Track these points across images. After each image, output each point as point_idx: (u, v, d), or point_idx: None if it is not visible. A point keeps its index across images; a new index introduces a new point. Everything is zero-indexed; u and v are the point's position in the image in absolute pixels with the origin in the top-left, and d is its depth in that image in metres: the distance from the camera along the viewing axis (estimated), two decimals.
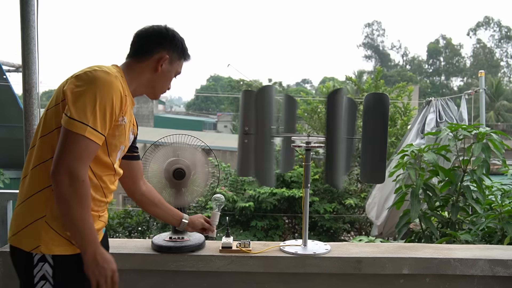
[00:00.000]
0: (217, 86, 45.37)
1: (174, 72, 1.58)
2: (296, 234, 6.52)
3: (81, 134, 1.25)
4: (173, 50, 1.54)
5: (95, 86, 1.29)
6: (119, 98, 1.35)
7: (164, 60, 1.51)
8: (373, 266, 1.84)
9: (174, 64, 1.56)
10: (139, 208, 6.76)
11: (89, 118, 1.26)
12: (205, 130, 30.25)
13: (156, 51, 1.51)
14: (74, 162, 1.25)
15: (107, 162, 1.41)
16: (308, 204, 1.91)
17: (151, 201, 1.75)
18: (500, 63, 44.69)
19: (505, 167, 3.09)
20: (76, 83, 1.30)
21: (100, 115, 1.29)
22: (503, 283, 1.86)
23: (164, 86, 1.59)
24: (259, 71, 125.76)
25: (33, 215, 1.33)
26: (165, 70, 1.54)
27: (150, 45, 1.51)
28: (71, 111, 1.26)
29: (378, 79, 8.33)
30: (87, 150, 1.27)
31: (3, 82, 7.17)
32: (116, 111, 1.34)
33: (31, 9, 2.01)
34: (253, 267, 1.85)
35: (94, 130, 1.27)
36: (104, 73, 1.33)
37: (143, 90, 1.55)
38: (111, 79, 1.33)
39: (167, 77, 1.56)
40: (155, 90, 1.58)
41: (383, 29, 52.81)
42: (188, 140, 1.94)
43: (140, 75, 1.51)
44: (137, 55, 1.52)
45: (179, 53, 1.57)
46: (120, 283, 1.87)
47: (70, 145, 1.25)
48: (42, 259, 1.32)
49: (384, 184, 4.79)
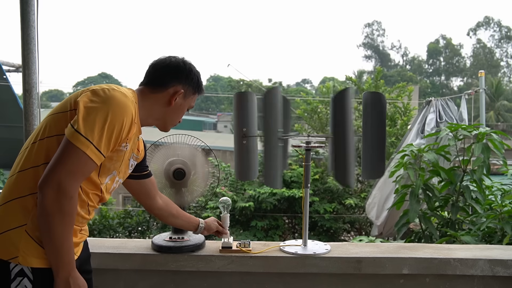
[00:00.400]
0: (217, 86, 45.41)
1: (187, 106, 1.56)
2: (296, 234, 6.53)
3: (82, 150, 1.20)
4: (189, 84, 1.52)
5: (110, 106, 1.26)
6: (130, 123, 1.31)
7: (178, 94, 1.49)
8: (373, 266, 1.84)
9: (188, 98, 1.54)
10: (139, 208, 6.77)
11: (95, 136, 1.22)
12: (205, 130, 30.25)
13: (172, 85, 1.48)
14: (66, 176, 1.19)
15: (95, 181, 1.35)
16: (308, 204, 1.91)
17: (169, 213, 1.77)
18: (500, 63, 44.72)
19: (506, 167, 3.09)
20: (91, 98, 1.27)
21: (107, 135, 1.24)
22: (503, 283, 1.86)
23: (176, 120, 1.56)
24: (259, 71, 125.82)
25: (12, 221, 1.24)
26: (179, 104, 1.51)
27: (166, 78, 1.48)
28: (79, 125, 1.21)
29: (378, 79, 8.33)
30: (84, 167, 1.22)
31: (3, 82, 7.16)
32: (123, 135, 1.30)
33: (31, 9, 2.01)
34: (253, 267, 1.85)
35: (97, 150, 1.23)
36: (122, 94, 1.31)
37: (153, 121, 1.52)
38: (126, 102, 1.30)
39: (179, 111, 1.54)
40: (165, 123, 1.55)
41: (383, 29, 52.85)
42: (188, 140, 1.94)
43: (152, 106, 1.47)
44: (152, 85, 1.48)
45: (194, 88, 1.54)
46: (120, 283, 1.88)
47: (68, 158, 1.20)
48: (20, 273, 1.23)
49: (384, 184, 4.79)
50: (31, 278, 1.23)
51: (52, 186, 1.18)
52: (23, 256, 1.22)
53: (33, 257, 1.23)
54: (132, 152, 1.47)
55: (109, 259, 1.85)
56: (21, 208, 1.25)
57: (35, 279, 1.24)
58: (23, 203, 1.26)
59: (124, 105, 1.29)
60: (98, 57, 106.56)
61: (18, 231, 1.23)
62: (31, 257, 1.23)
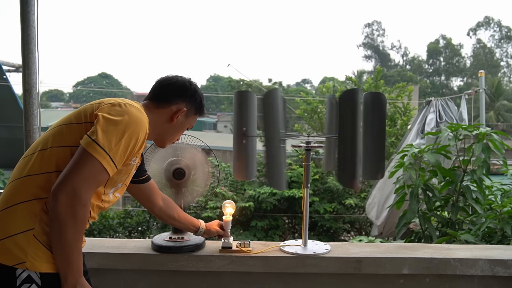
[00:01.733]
0: (217, 86, 45.39)
1: (187, 125, 1.59)
2: (296, 234, 6.52)
3: (98, 160, 1.21)
4: (192, 104, 1.55)
5: (128, 120, 1.29)
6: (143, 138, 1.34)
7: (181, 112, 1.52)
8: (373, 266, 1.84)
9: (189, 118, 1.57)
10: (139, 208, 6.77)
11: (112, 148, 1.24)
12: (205, 130, 30.23)
13: (175, 102, 1.51)
14: (81, 184, 1.19)
15: (99, 191, 1.35)
16: (308, 204, 1.91)
17: (169, 216, 1.79)
18: (500, 63, 44.72)
19: (506, 167, 3.09)
20: (111, 111, 1.30)
21: (123, 149, 1.27)
22: (503, 283, 1.86)
23: (175, 137, 1.60)
24: (259, 71, 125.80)
25: (19, 225, 1.22)
26: (180, 122, 1.54)
27: (171, 95, 1.52)
28: (98, 135, 1.23)
29: (378, 79, 8.34)
30: (98, 177, 1.23)
31: (3, 82, 7.16)
32: (136, 149, 1.33)
33: (31, 9, 2.01)
34: (253, 267, 1.85)
35: (112, 161, 1.24)
36: (138, 110, 1.35)
37: (153, 136, 1.54)
38: (143, 118, 1.34)
39: (180, 128, 1.57)
40: (164, 139, 1.58)
41: (383, 29, 52.84)
42: (188, 140, 1.94)
43: (155, 121, 1.49)
44: (156, 101, 1.51)
45: (197, 108, 1.58)
46: (120, 283, 1.88)
47: (84, 167, 1.20)
48: (28, 279, 1.20)
49: (384, 184, 4.80)
50: (39, 284, 1.21)
51: (67, 192, 1.18)
52: (31, 261, 1.20)
53: (42, 261, 1.22)
54: (136, 166, 1.49)
55: (109, 259, 1.85)
56: (28, 212, 1.24)
57: (44, 285, 1.22)
58: (30, 207, 1.24)
59: (141, 121, 1.33)
60: (98, 57, 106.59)
61: (25, 235, 1.21)
62: (39, 262, 1.21)
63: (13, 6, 2.14)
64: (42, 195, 1.24)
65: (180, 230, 1.91)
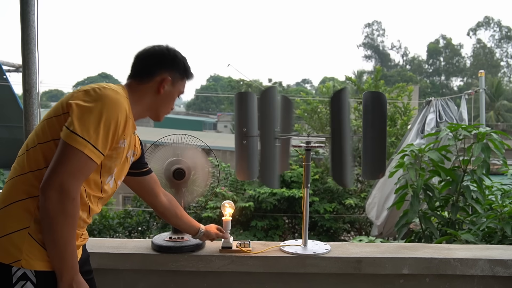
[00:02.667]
0: (217, 86, 45.38)
1: (177, 92, 1.55)
2: (296, 234, 6.52)
3: (80, 150, 1.20)
4: (175, 70, 1.51)
5: (103, 104, 1.26)
6: (124, 119, 1.31)
7: (166, 82, 1.48)
8: (373, 266, 1.84)
9: (177, 84, 1.53)
10: (139, 208, 6.77)
11: (92, 135, 1.22)
12: (205, 130, 30.25)
13: (158, 73, 1.47)
14: (68, 178, 1.18)
15: (97, 181, 1.35)
16: (308, 204, 1.91)
17: (172, 214, 1.76)
18: (500, 63, 44.70)
19: (506, 167, 3.08)
20: (84, 98, 1.26)
21: (103, 134, 1.24)
22: (503, 283, 1.86)
23: (167, 108, 1.56)
24: (259, 71, 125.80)
25: (14, 224, 1.22)
26: (168, 92, 1.50)
27: (151, 67, 1.48)
28: (74, 126, 1.21)
29: (378, 79, 8.33)
30: (84, 167, 1.22)
31: (3, 82, 7.16)
32: (119, 131, 1.30)
33: (31, 9, 2.01)
34: (253, 267, 1.85)
35: (95, 148, 1.22)
36: (113, 92, 1.31)
37: (146, 113, 1.52)
38: (119, 99, 1.30)
39: (170, 98, 1.53)
40: (158, 112, 1.54)
41: (383, 29, 52.81)
42: (188, 140, 1.94)
43: (142, 98, 1.47)
44: (139, 77, 1.48)
45: (181, 73, 1.53)
46: (120, 283, 1.88)
47: (67, 160, 1.19)
48: (23, 277, 1.20)
49: (384, 184, 4.79)
50: (34, 282, 1.21)
51: (55, 188, 1.17)
52: (26, 259, 1.21)
53: (36, 260, 1.22)
54: (130, 149, 1.46)
55: (109, 259, 1.85)
56: (23, 211, 1.24)
57: (39, 283, 1.22)
58: (24, 205, 1.24)
59: (117, 102, 1.29)
60: (98, 57, 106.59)
61: (20, 233, 1.22)
62: (34, 260, 1.22)
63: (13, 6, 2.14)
64: (36, 193, 1.23)
65: (180, 230, 1.91)
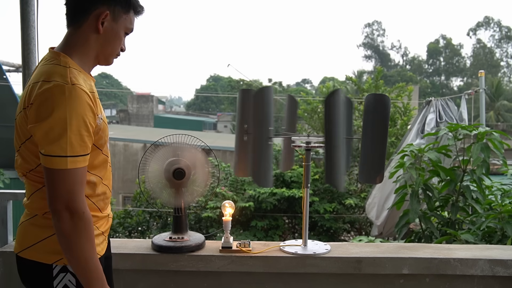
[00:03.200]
0: (217, 86, 45.36)
1: (123, 29, 1.35)
2: (296, 234, 6.53)
3: (62, 169, 1.15)
4: (114, 3, 1.30)
5: (57, 111, 1.14)
6: (89, 107, 1.20)
7: (104, 17, 1.28)
8: (373, 266, 1.84)
9: (120, 20, 1.32)
10: (139, 208, 6.76)
11: (66, 148, 1.14)
12: (205, 130, 30.23)
13: (93, 8, 1.27)
14: (68, 196, 1.16)
15: (104, 157, 1.33)
16: (308, 204, 1.91)
17: None
18: (500, 63, 44.69)
19: (506, 167, 3.08)
20: (40, 114, 1.16)
21: (76, 138, 1.16)
22: (503, 283, 1.86)
23: (114, 48, 1.35)
24: (259, 71, 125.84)
25: (47, 228, 1.25)
26: (109, 29, 1.30)
27: (84, 2, 1.28)
28: (45, 149, 1.15)
29: (378, 79, 8.33)
30: (76, 179, 1.17)
31: (3, 82, 7.17)
32: (91, 123, 1.20)
33: (31, 9, 2.01)
34: (253, 267, 1.85)
35: (75, 157, 1.16)
36: (58, 88, 1.16)
37: (92, 61, 1.34)
38: (71, 91, 1.16)
39: (114, 36, 1.33)
40: (105, 56, 1.36)
41: (383, 29, 52.79)
42: (188, 140, 1.94)
43: (85, 45, 1.29)
44: (74, 18, 1.29)
45: (123, 6, 1.32)
46: (120, 283, 1.87)
47: (58, 182, 1.16)
48: (63, 270, 1.26)
49: (384, 184, 4.79)
50: (73, 273, 1.25)
51: (62, 209, 1.16)
52: (64, 257, 1.24)
53: None
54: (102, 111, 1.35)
55: None
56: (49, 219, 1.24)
57: None
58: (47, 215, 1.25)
59: (70, 97, 1.16)
60: None
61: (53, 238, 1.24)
62: None
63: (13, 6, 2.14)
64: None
65: (179, 230, 1.91)
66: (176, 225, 1.94)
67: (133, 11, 1.36)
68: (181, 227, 1.94)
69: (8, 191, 2.15)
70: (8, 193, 2.11)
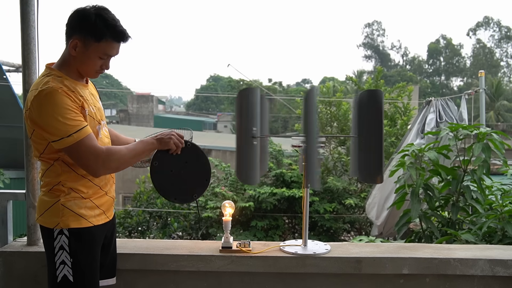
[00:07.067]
0: (217, 86, 45.36)
1: (98, 54, 1.58)
2: (296, 234, 6.52)
3: (75, 143, 1.48)
4: (85, 34, 1.54)
5: (46, 108, 1.47)
6: (67, 98, 1.49)
7: (73, 46, 1.55)
8: (373, 266, 1.84)
9: (91, 47, 1.55)
10: (139, 208, 6.76)
11: (67, 129, 1.47)
12: (205, 130, 30.21)
13: (72, 38, 1.56)
14: (91, 157, 1.51)
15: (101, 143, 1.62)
16: (308, 204, 1.91)
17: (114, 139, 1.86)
18: (500, 63, 44.70)
19: (506, 167, 3.08)
20: (34, 116, 1.49)
21: (68, 120, 1.47)
22: (503, 283, 1.86)
23: (89, 68, 1.61)
24: (259, 71, 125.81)
25: (51, 200, 1.58)
26: (81, 54, 1.56)
27: (67, 31, 1.57)
28: (51, 137, 1.49)
29: (378, 79, 8.32)
30: (89, 143, 1.50)
31: (3, 82, 7.17)
32: (73, 107, 1.50)
33: (31, 9, 2.01)
34: (253, 267, 1.85)
35: (79, 131, 1.48)
36: (43, 93, 1.47)
37: (76, 73, 1.61)
38: (46, 91, 1.47)
39: (86, 59, 1.58)
40: (83, 71, 1.62)
41: (383, 29, 52.73)
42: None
43: (68, 60, 1.59)
44: (65, 41, 1.60)
45: (94, 36, 1.54)
46: (120, 283, 1.87)
47: (81, 154, 1.51)
48: (60, 232, 1.56)
49: (384, 184, 4.79)
50: (67, 235, 1.56)
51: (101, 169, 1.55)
52: (62, 222, 1.56)
53: (68, 221, 1.56)
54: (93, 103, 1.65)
55: None
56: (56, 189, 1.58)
57: (70, 236, 1.57)
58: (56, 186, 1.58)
59: (47, 96, 1.47)
60: None
61: (56, 205, 1.57)
62: (67, 221, 1.56)
63: (13, 6, 2.14)
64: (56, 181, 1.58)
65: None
66: None
67: (108, 38, 1.56)
68: None
69: (8, 191, 2.15)
70: (8, 193, 2.11)
